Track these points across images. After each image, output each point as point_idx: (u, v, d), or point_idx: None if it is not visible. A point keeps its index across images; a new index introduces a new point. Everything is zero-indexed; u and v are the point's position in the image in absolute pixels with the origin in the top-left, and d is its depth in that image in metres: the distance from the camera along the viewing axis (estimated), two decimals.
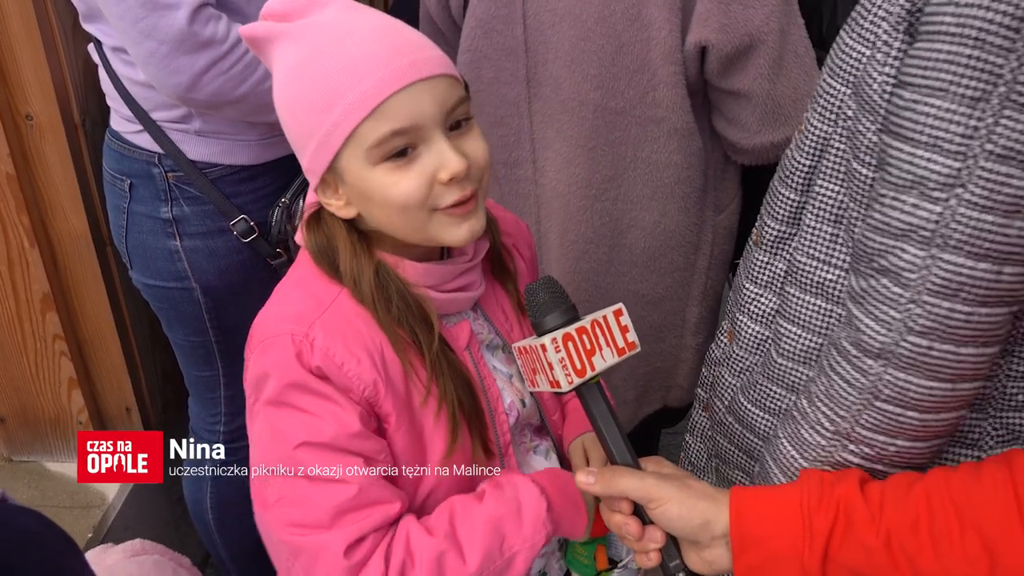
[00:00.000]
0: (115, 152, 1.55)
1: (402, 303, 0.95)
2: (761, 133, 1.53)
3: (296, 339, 0.91)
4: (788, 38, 1.45)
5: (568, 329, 0.88)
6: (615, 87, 1.50)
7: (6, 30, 1.55)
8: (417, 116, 0.87)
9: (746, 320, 1.05)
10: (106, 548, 1.37)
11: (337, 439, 0.91)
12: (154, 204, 1.52)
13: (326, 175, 0.92)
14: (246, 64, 1.34)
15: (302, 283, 1.00)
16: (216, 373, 1.70)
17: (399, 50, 0.87)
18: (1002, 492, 0.76)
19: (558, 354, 0.87)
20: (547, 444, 1.15)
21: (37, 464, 1.97)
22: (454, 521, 0.96)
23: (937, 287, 0.74)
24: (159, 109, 1.46)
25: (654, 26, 1.43)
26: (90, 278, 1.79)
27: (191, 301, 1.58)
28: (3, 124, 1.61)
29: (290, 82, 0.90)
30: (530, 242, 1.21)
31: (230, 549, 1.90)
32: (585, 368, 0.88)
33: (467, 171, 0.89)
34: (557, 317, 0.89)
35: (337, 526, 0.92)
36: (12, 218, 1.69)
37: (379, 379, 0.93)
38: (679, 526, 0.86)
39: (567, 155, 1.58)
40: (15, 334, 1.80)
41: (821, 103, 0.89)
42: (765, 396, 1.01)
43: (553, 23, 1.49)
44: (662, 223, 1.63)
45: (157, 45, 1.28)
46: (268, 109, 1.40)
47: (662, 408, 1.89)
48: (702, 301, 1.76)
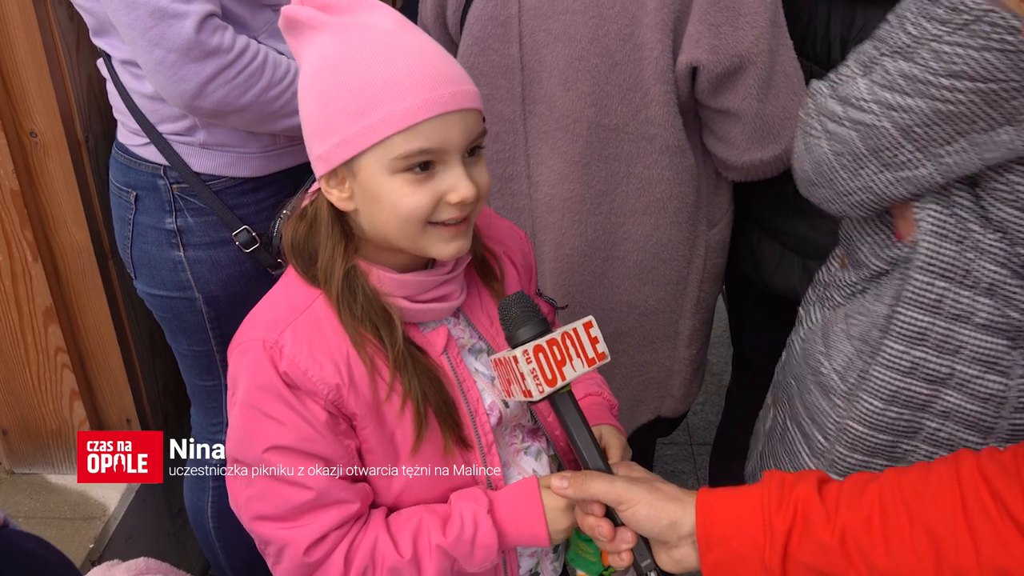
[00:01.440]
0: (121, 165, 1.58)
1: (367, 304, 1.00)
2: (750, 151, 1.56)
3: (267, 345, 0.98)
4: (777, 58, 1.48)
5: (539, 341, 0.94)
6: (608, 105, 1.53)
7: (11, 49, 1.58)
8: (445, 141, 0.92)
9: None
10: (112, 566, 1.38)
11: (299, 443, 0.98)
12: (159, 215, 1.55)
13: (339, 168, 0.95)
14: (251, 73, 1.37)
15: (286, 288, 1.06)
16: (218, 383, 1.72)
17: (444, 79, 0.92)
18: (947, 491, 0.80)
19: (529, 365, 0.93)
20: (539, 445, 1.18)
21: (39, 476, 1.98)
22: (418, 542, 1.04)
23: None
24: (165, 122, 1.49)
25: (646, 47, 1.47)
26: (92, 291, 1.81)
27: (194, 311, 1.61)
28: (8, 141, 1.63)
29: (325, 74, 0.93)
30: (524, 249, 1.24)
31: (229, 558, 1.91)
32: (556, 378, 0.94)
33: (476, 197, 0.95)
34: (529, 330, 0.95)
35: (299, 523, 1.00)
36: (16, 233, 1.71)
37: (342, 384, 0.99)
38: (648, 527, 0.92)
39: (561, 170, 1.61)
40: (18, 346, 1.82)
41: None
42: None
43: (548, 43, 1.52)
44: (655, 236, 1.66)
45: (165, 53, 1.31)
46: (272, 119, 1.44)
47: (656, 418, 1.91)
48: (695, 313, 1.79)
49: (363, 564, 1.01)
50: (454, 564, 1.05)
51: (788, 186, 1.64)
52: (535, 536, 1.07)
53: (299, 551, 1.00)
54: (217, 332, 1.64)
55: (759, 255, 1.76)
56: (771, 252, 1.74)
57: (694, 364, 1.86)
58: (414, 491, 1.06)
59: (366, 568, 1.02)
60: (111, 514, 1.87)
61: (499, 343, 1.12)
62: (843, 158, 1.07)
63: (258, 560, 1.97)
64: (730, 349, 2.12)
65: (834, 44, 1.54)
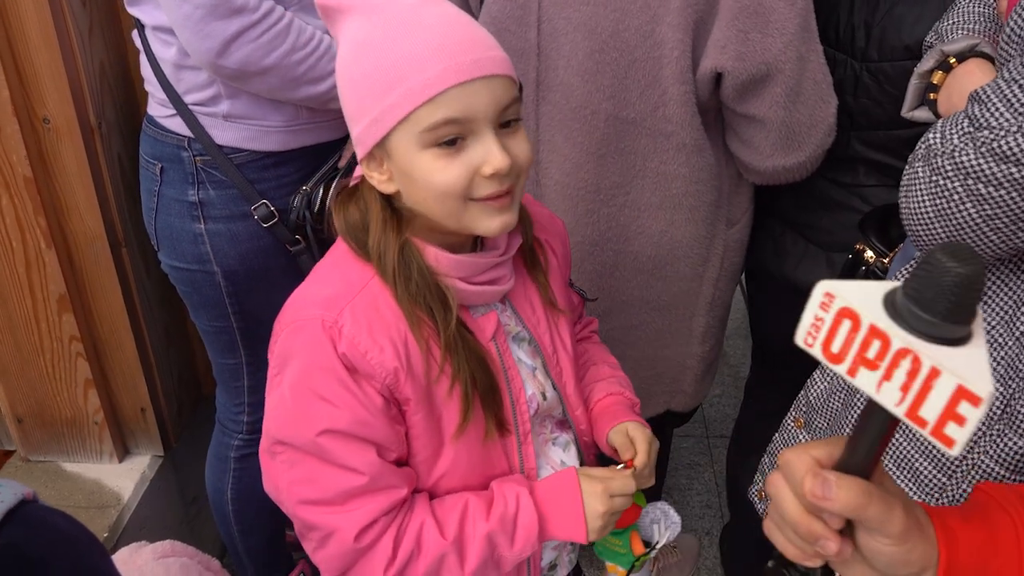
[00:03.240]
0: (150, 137, 1.60)
1: (422, 281, 0.98)
2: (774, 157, 1.53)
3: (326, 325, 0.96)
4: (807, 65, 1.44)
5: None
6: (627, 98, 1.50)
7: (24, 35, 1.57)
8: (471, 109, 0.90)
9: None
10: (139, 547, 1.40)
11: (354, 427, 0.96)
12: (182, 187, 1.56)
13: (375, 149, 0.95)
14: (275, 34, 1.38)
15: (339, 264, 1.04)
16: (239, 362, 1.73)
17: (465, 46, 0.90)
18: None
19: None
20: (567, 436, 1.19)
21: (54, 464, 1.99)
22: (464, 525, 1.03)
23: None
24: (191, 92, 1.50)
25: (666, 45, 1.43)
26: (105, 279, 1.80)
27: (212, 284, 1.62)
28: (21, 127, 1.63)
29: (356, 58, 0.93)
30: (564, 239, 1.23)
31: (247, 542, 1.92)
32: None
33: (509, 168, 0.93)
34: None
35: (348, 509, 0.99)
36: (29, 220, 1.71)
37: (400, 368, 0.97)
38: (884, 564, 0.70)
39: (576, 160, 1.58)
40: (32, 335, 1.82)
41: None
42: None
43: (567, 31, 1.49)
44: (669, 232, 1.63)
45: (193, 8, 1.33)
46: (294, 84, 1.44)
47: (666, 412, 1.90)
48: (710, 311, 1.76)
49: (409, 549, 1.01)
50: (494, 552, 1.04)
51: (812, 179, 1.61)
52: (574, 528, 1.07)
53: (349, 537, 0.99)
54: (236, 307, 1.65)
55: (781, 249, 1.73)
56: (794, 246, 1.71)
57: (707, 361, 1.83)
58: (453, 476, 1.06)
59: (412, 553, 1.01)
60: (125, 503, 1.88)
61: (540, 332, 1.12)
62: (997, 222, 0.93)
63: (275, 546, 1.99)
64: (748, 341, 2.09)
65: (858, 30, 1.50)
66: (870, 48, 1.49)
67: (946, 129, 0.99)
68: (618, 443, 1.17)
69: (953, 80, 1.25)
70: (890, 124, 1.52)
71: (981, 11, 1.27)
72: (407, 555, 1.01)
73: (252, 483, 1.82)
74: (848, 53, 1.53)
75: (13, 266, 1.75)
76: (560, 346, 1.16)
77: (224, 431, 1.84)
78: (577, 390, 1.19)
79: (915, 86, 1.33)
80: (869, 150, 1.57)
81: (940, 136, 0.99)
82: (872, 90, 1.51)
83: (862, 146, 1.57)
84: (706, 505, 2.58)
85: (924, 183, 0.99)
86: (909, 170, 1.03)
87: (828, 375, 1.32)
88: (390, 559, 1.00)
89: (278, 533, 1.99)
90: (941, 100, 1.27)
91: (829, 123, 1.50)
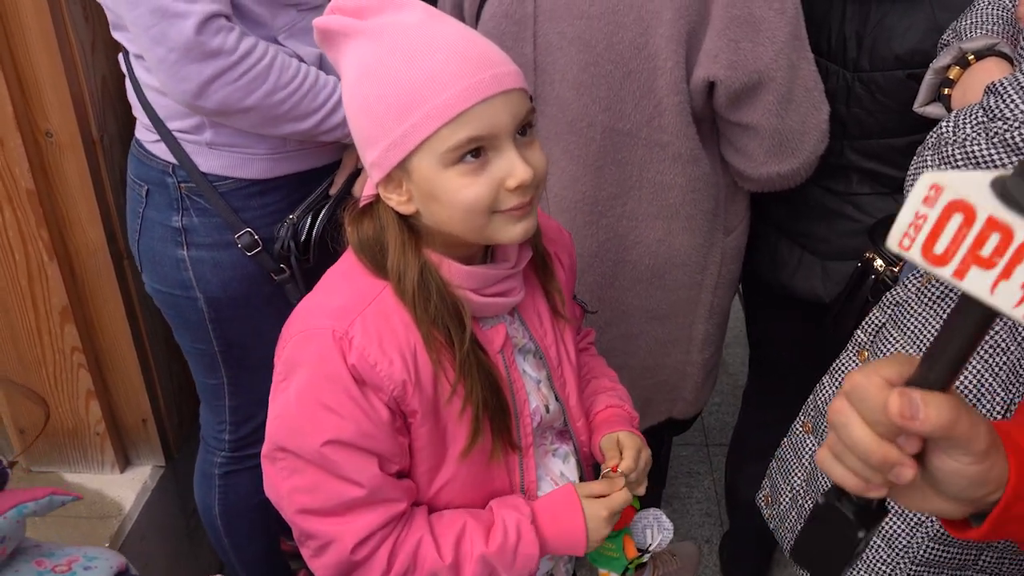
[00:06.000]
0: (136, 159, 1.60)
1: (440, 302, 0.98)
2: (768, 164, 1.54)
3: (337, 336, 0.96)
4: (798, 73, 1.45)
5: None
6: (622, 110, 1.52)
7: (26, 49, 1.59)
8: (493, 126, 0.91)
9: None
10: None
11: (359, 439, 0.97)
12: (167, 212, 1.56)
13: (393, 171, 0.94)
14: (255, 76, 1.36)
15: (349, 275, 1.04)
16: (221, 382, 1.72)
17: (483, 63, 0.91)
18: None
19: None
20: (567, 448, 1.19)
21: (55, 475, 1.99)
22: (461, 547, 1.03)
23: None
24: (174, 118, 1.50)
25: (660, 56, 1.45)
26: (107, 291, 1.81)
27: (195, 310, 1.61)
28: (23, 141, 1.64)
29: (366, 81, 0.93)
30: (571, 250, 1.24)
31: (241, 555, 1.92)
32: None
33: (532, 179, 0.93)
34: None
35: (346, 520, 0.99)
36: (32, 232, 1.72)
37: (408, 380, 0.97)
38: (961, 487, 0.65)
39: (573, 172, 1.59)
40: (34, 346, 1.83)
41: None
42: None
43: (562, 46, 1.50)
44: (666, 241, 1.64)
45: (166, 52, 1.31)
46: (277, 122, 1.43)
47: (667, 419, 1.90)
48: (709, 318, 1.77)
49: (405, 564, 1.01)
50: (492, 572, 1.05)
51: (806, 188, 1.63)
52: (574, 546, 1.08)
53: (346, 548, 0.99)
54: (218, 332, 1.64)
55: (778, 258, 1.75)
56: (791, 255, 1.72)
57: (707, 368, 1.84)
58: (454, 488, 1.06)
59: (407, 569, 1.02)
60: (126, 513, 1.88)
61: (547, 344, 1.12)
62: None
63: (271, 557, 1.99)
64: (746, 350, 2.10)
65: (850, 41, 1.52)
66: (862, 58, 1.50)
67: (959, 119, 0.99)
68: (605, 447, 1.17)
69: (970, 76, 1.25)
70: (883, 133, 1.53)
71: (999, 13, 1.28)
72: (402, 570, 1.01)
73: (239, 499, 1.82)
74: (840, 63, 1.54)
75: (16, 278, 1.77)
76: (565, 358, 1.16)
77: (208, 448, 1.83)
78: (579, 402, 1.20)
79: (929, 82, 1.33)
80: (862, 159, 1.58)
81: (953, 125, 0.99)
82: (864, 100, 1.52)
83: (855, 155, 1.58)
84: (706, 513, 2.58)
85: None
86: (917, 159, 1.03)
87: (836, 379, 1.32)
88: (384, 572, 1.01)
89: (272, 544, 1.99)
90: (956, 95, 1.27)
91: (822, 129, 1.51)
